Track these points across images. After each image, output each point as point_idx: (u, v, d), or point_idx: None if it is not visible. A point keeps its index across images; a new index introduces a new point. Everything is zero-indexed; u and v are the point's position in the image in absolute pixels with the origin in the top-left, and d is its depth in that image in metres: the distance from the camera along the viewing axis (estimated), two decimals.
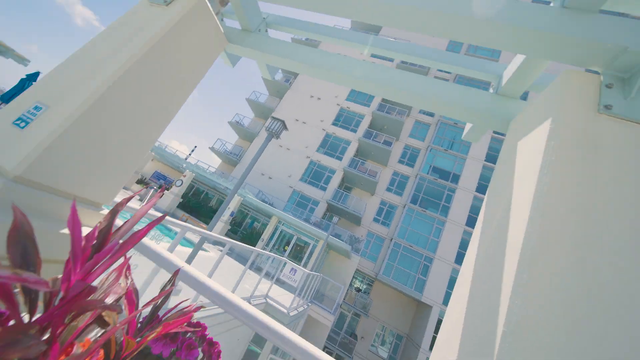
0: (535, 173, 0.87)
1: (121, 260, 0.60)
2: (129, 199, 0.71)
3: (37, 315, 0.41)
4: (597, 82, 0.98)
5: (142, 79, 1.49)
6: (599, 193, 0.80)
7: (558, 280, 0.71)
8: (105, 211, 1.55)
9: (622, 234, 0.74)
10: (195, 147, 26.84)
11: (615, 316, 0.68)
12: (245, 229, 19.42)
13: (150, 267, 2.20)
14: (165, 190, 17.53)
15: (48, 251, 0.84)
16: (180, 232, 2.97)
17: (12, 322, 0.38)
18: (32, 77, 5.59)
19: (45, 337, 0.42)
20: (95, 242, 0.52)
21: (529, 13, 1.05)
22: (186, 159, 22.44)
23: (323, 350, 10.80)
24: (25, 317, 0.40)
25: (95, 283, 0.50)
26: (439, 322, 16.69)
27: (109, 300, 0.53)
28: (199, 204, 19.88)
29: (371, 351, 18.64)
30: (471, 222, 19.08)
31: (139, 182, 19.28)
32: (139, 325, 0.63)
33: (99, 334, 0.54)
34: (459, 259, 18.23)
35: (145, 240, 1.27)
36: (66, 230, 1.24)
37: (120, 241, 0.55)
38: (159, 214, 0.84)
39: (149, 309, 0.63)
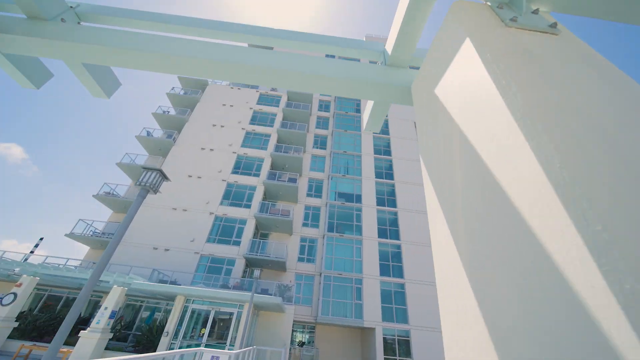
0: (491, 93, 0.61)
1: None
2: None
3: None
4: (487, 7, 0.89)
5: None
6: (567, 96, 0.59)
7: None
8: None
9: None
10: (42, 239, 19.44)
11: None
12: (140, 329, 14.54)
13: None
14: None
15: None
16: None
17: None
18: None
19: None
20: None
21: None
22: (25, 259, 15.70)
23: None
24: None
25: None
26: (385, 340, 16.67)
27: None
28: (55, 319, 13.68)
29: None
30: (382, 233, 21.09)
31: None
32: None
33: None
34: (383, 270, 19.45)
35: None
36: None
37: None
38: None
39: None
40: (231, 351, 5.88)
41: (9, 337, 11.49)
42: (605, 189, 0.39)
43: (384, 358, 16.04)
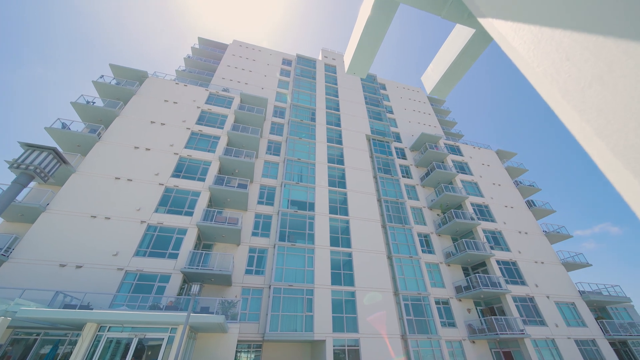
0: None
1: None
2: None
3: None
4: None
5: None
6: None
7: None
8: None
9: None
10: None
11: None
12: None
13: None
14: None
15: None
16: None
17: None
18: None
19: None
20: None
21: None
22: None
23: None
24: None
25: None
26: (334, 351, 16.28)
27: None
28: None
29: None
30: (333, 241, 21.03)
31: None
32: None
33: None
34: (334, 279, 19.25)
35: None
36: None
37: None
38: None
39: None
40: None
41: None
42: None
43: None
